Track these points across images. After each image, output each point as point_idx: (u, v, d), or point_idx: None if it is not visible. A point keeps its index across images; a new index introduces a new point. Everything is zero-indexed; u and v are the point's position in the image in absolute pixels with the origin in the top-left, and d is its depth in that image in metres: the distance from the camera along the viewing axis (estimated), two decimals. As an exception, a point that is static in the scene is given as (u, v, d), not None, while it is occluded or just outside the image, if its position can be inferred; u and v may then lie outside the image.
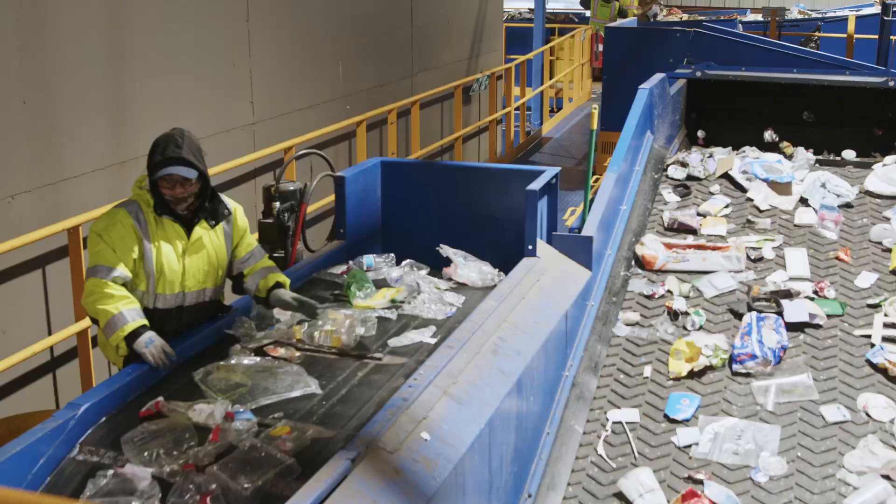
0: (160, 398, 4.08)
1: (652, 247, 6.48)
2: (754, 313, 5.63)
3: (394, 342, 4.77)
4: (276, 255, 6.07)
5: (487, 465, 3.86)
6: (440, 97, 13.20)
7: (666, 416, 4.97)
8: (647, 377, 5.32)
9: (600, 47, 17.97)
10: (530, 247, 5.36)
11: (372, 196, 6.25)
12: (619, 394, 5.20)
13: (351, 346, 4.68)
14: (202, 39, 8.11)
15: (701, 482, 4.40)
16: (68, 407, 3.99)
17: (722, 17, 21.35)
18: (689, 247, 6.51)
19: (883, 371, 5.19)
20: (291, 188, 6.24)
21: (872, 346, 5.40)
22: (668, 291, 6.10)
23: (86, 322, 6.27)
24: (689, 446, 4.72)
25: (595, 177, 10.37)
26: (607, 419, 4.97)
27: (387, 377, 4.40)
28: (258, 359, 4.47)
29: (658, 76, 8.31)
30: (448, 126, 13.57)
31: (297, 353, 4.59)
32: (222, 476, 3.52)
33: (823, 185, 7.13)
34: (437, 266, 5.80)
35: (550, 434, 4.70)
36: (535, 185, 5.49)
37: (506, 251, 5.57)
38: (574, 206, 11.99)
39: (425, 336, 4.84)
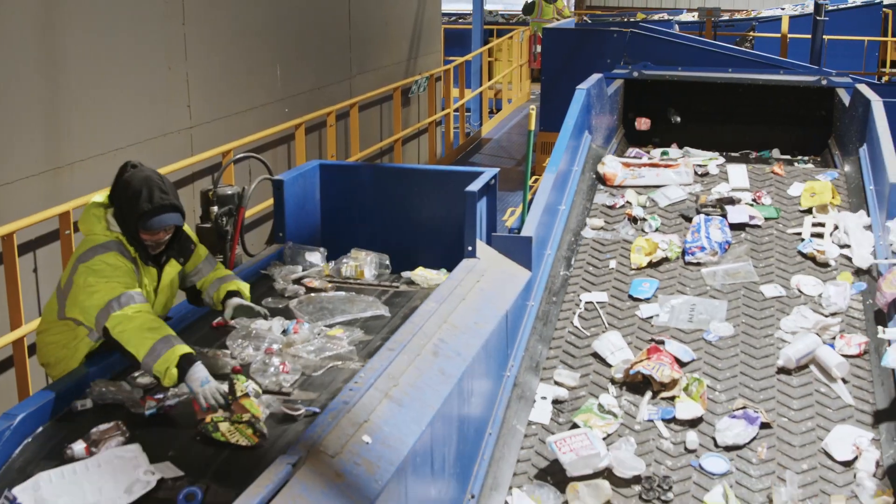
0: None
1: (612, 166, 7.51)
2: (702, 216, 6.75)
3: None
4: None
5: (430, 467, 3.86)
6: (379, 99, 13.18)
7: (630, 296, 6.06)
8: (612, 268, 6.39)
9: (538, 48, 18.02)
10: (470, 248, 5.37)
11: (311, 199, 6.23)
12: (589, 282, 6.27)
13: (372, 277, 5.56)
14: (137, 43, 8.02)
15: (662, 342, 5.45)
16: (4, 417, 3.93)
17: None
18: (644, 165, 7.57)
19: (812, 258, 6.35)
20: (229, 192, 6.18)
21: (802, 240, 6.54)
22: (628, 202, 7.18)
23: (22, 330, 6.19)
24: (651, 317, 5.82)
25: (534, 177, 10.45)
26: (580, 300, 6.04)
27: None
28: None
29: (595, 76, 8.36)
30: (387, 128, 13.56)
31: (329, 285, 5.55)
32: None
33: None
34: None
35: (492, 434, 4.71)
36: (474, 187, 5.50)
37: (446, 252, 5.59)
38: (514, 206, 12.05)
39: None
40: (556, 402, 5.16)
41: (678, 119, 9.47)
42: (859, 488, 4.40)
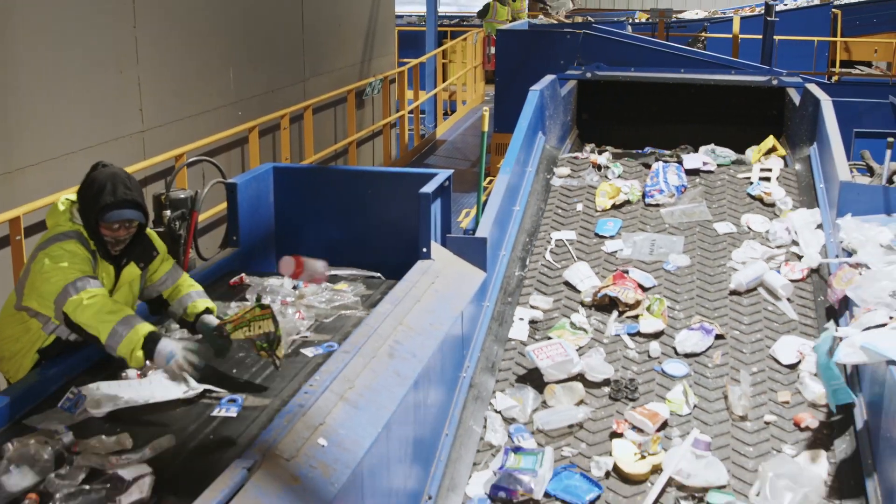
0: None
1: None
2: (661, 163, 7.52)
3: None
4: (168, 263, 5.99)
5: (386, 469, 3.86)
6: (333, 102, 13.16)
7: (596, 234, 6.79)
8: (579, 211, 7.10)
9: (492, 50, 18.07)
10: (424, 249, 5.37)
11: (265, 202, 6.20)
12: (559, 223, 6.96)
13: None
14: (88, 47, 7.96)
15: (626, 271, 6.17)
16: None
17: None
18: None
19: (759, 199, 7.13)
20: (182, 196, 6.15)
21: (751, 183, 7.34)
22: (591, 152, 8.12)
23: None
24: (615, 252, 6.56)
25: (488, 178, 10.46)
26: (551, 238, 6.72)
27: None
28: None
29: (548, 78, 8.38)
30: (341, 130, 13.54)
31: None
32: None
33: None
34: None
35: (449, 435, 4.72)
36: (428, 188, 5.51)
37: (401, 254, 5.57)
38: (469, 207, 12.06)
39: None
40: (532, 322, 5.83)
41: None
42: (802, 385, 5.12)
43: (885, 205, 6.16)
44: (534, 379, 5.25)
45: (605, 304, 5.92)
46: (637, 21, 23.11)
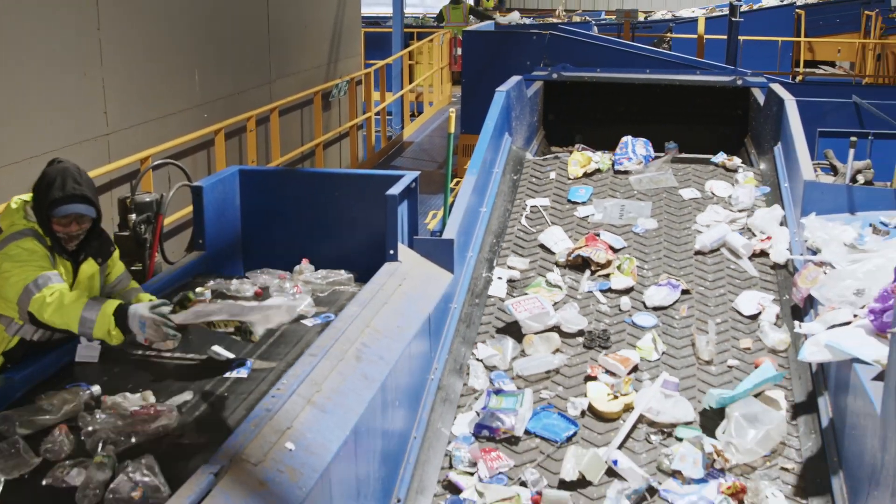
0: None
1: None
2: (629, 136, 7.97)
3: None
4: (133, 267, 5.95)
5: (354, 472, 3.85)
6: (299, 103, 13.12)
7: (568, 200, 7.22)
8: (552, 179, 7.54)
9: (459, 51, 18.06)
10: (392, 251, 5.37)
11: (231, 205, 6.17)
12: (533, 190, 7.40)
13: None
14: (51, 49, 7.89)
15: (598, 234, 6.61)
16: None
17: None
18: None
19: (722, 166, 7.71)
20: (148, 199, 6.12)
21: (715, 153, 7.94)
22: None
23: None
24: (587, 216, 7.02)
25: (455, 179, 10.45)
26: (526, 204, 7.19)
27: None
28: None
29: (515, 79, 8.39)
30: (308, 132, 13.50)
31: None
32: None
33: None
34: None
35: (417, 438, 4.72)
36: (395, 190, 5.50)
37: (368, 256, 5.56)
38: (436, 209, 12.05)
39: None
40: (510, 281, 6.28)
41: None
42: (762, 333, 5.63)
43: (849, 204, 6.21)
44: (513, 331, 5.71)
45: (579, 264, 6.39)
46: (603, 22, 23.16)
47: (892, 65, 22.52)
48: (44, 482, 3.52)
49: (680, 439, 4.82)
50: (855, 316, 4.74)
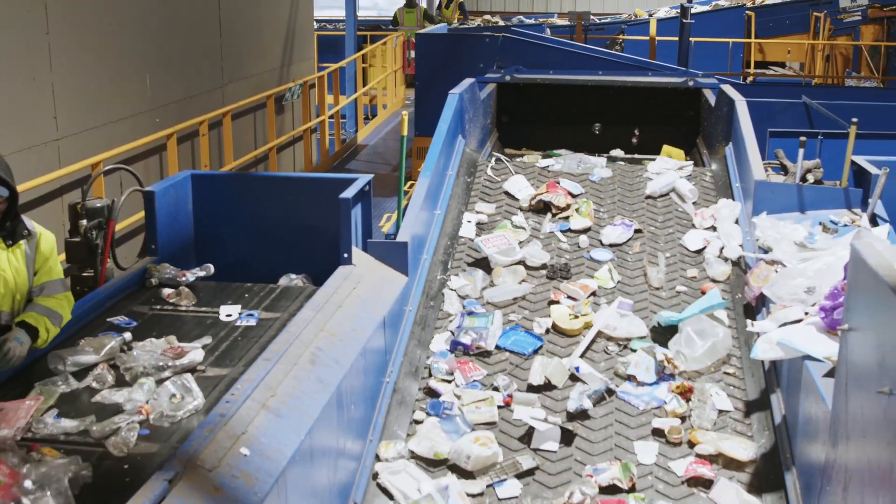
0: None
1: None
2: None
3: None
4: (85, 273, 5.90)
5: (310, 476, 3.84)
6: (252, 107, 13.06)
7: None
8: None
9: (412, 54, 18.06)
10: (346, 255, 5.36)
11: (183, 210, 6.13)
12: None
13: None
14: (-1, 54, 7.81)
15: (558, 181, 7.36)
16: None
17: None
18: None
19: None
20: (99, 205, 6.06)
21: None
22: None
23: None
24: (547, 167, 7.85)
25: (409, 182, 10.45)
26: (493, 155, 8.21)
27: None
28: None
29: (468, 81, 8.41)
30: (261, 136, 13.44)
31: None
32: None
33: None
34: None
35: (373, 441, 4.71)
36: (348, 193, 5.49)
37: (322, 260, 5.55)
38: (390, 212, 12.03)
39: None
40: (478, 224, 6.94)
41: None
42: (707, 265, 6.33)
43: (799, 203, 6.28)
44: (483, 265, 6.40)
45: (541, 208, 7.11)
46: (556, 24, 23.24)
47: (840, 65, 22.80)
48: (92, 400, 4.21)
49: (634, 350, 5.52)
50: (806, 314, 4.79)
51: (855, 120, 6.34)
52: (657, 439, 4.90)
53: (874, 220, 5.96)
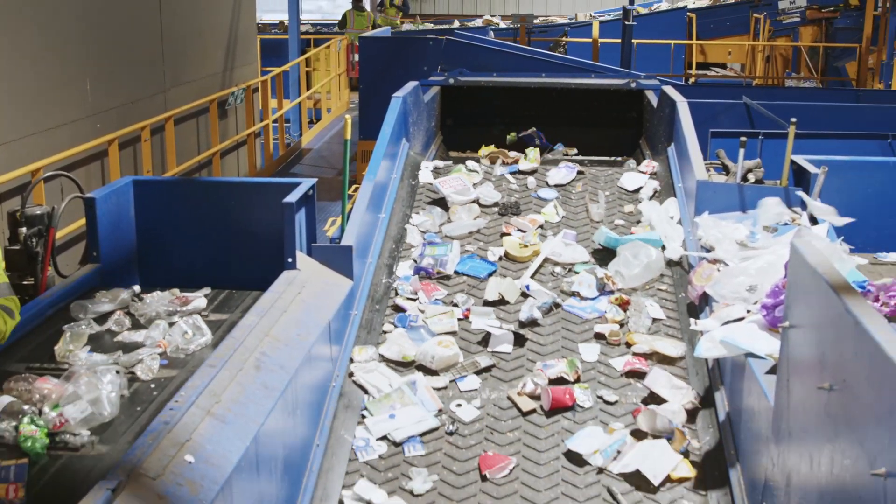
0: None
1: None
2: None
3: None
4: (25, 282, 5.82)
5: (256, 483, 3.81)
6: (195, 112, 12.97)
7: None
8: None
9: (356, 57, 18.03)
10: (290, 259, 5.33)
11: (125, 217, 6.07)
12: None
13: None
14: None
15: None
16: None
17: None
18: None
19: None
20: (39, 212, 5.99)
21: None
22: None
23: None
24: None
25: (354, 186, 10.42)
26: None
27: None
28: None
29: (411, 84, 8.41)
30: (205, 141, 13.35)
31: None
32: None
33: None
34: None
35: (320, 446, 4.69)
36: (292, 198, 5.46)
37: (267, 265, 5.50)
38: (335, 216, 11.98)
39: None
40: (435, 169, 7.94)
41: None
42: (642, 204, 7.22)
43: (740, 202, 6.34)
44: (440, 204, 7.28)
45: (492, 159, 8.32)
46: (499, 26, 23.31)
47: (780, 66, 23.09)
48: (114, 339, 5.02)
49: (577, 272, 6.36)
50: (748, 312, 4.84)
51: (794, 120, 6.41)
52: (599, 342, 5.73)
53: (814, 219, 6.03)
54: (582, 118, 9.76)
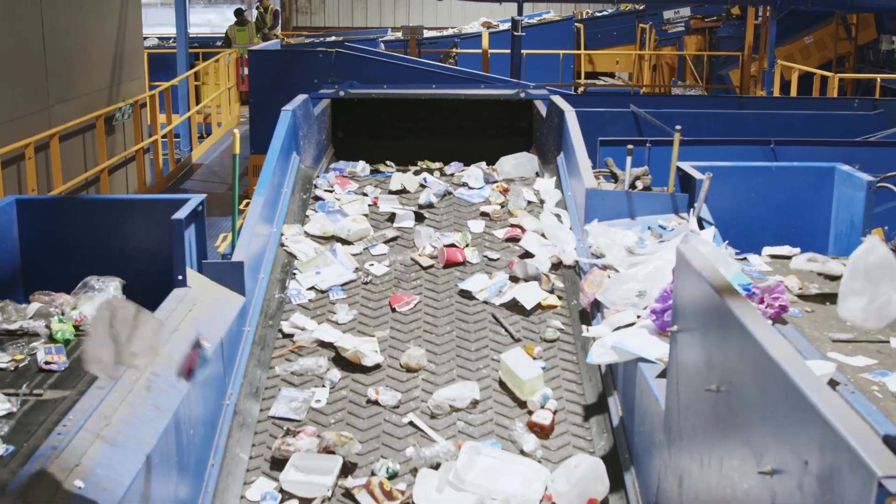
0: None
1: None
2: None
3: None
4: None
5: (149, 505, 3.75)
6: (81, 128, 12.70)
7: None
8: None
9: (246, 70, 17.87)
10: (180, 277, 5.24)
11: (8, 237, 5.92)
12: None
13: None
14: None
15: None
16: None
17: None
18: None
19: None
20: (-84, 234, 5.82)
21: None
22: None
23: None
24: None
25: (245, 201, 10.32)
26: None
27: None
28: None
29: (301, 97, 8.37)
30: (92, 158, 13.09)
31: None
32: None
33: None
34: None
35: (215, 465, 4.63)
36: (181, 214, 5.38)
37: (156, 283, 5.42)
38: (227, 231, 11.86)
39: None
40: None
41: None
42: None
43: (629, 209, 6.45)
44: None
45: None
46: (389, 39, 23.33)
47: (666, 74, 23.56)
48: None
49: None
50: (638, 317, 4.91)
51: (679, 127, 6.54)
52: (484, 219, 7.38)
53: (700, 224, 6.16)
54: (473, 128, 9.82)
